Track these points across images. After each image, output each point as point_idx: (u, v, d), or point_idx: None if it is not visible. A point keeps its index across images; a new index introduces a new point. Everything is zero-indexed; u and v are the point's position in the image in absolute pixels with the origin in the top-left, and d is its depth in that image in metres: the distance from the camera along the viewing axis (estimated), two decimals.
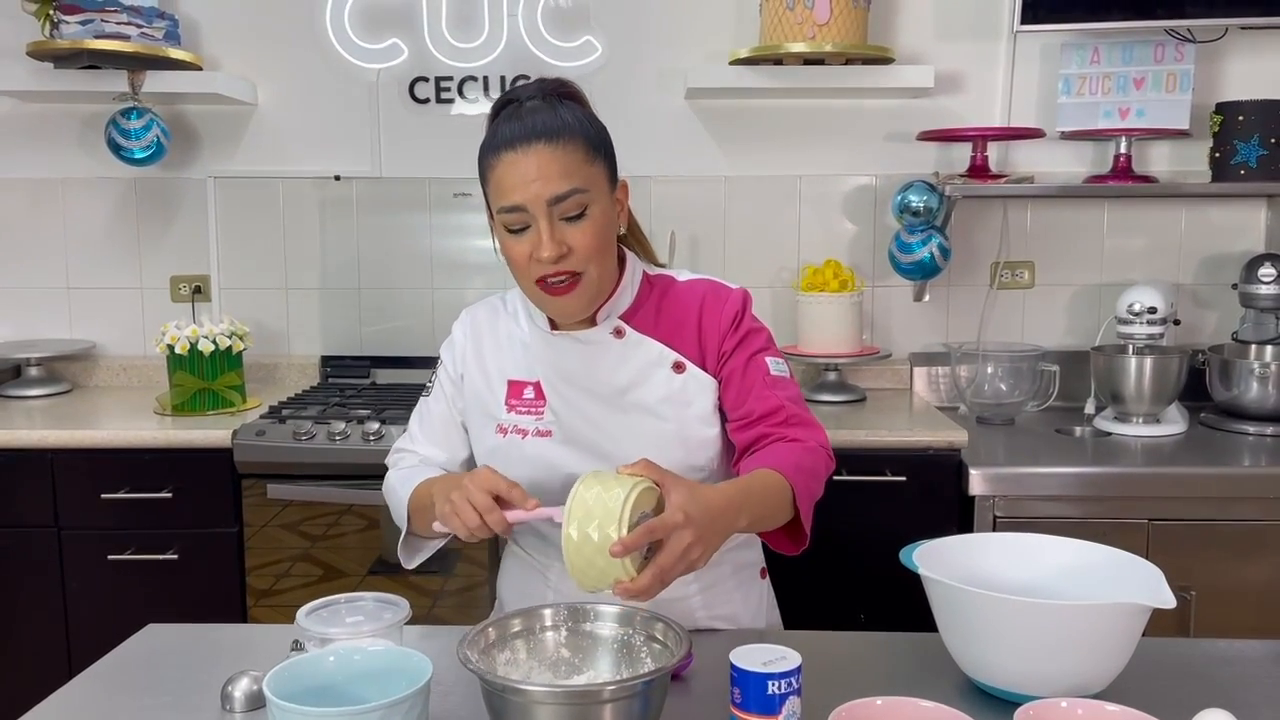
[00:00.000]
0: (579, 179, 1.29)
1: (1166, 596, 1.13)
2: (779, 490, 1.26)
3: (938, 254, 2.62)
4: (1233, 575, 2.22)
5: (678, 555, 1.09)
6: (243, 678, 1.19)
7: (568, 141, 1.29)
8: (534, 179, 1.27)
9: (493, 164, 1.31)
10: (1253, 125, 2.54)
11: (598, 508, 1.09)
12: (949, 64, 2.75)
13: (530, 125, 1.29)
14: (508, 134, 1.30)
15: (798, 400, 1.41)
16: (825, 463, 1.37)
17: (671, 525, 1.09)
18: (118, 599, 2.36)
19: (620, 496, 1.09)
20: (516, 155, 1.28)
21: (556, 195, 1.28)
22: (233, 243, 2.91)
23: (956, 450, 2.30)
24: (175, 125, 2.82)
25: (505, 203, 1.30)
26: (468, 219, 2.89)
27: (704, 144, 2.85)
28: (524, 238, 1.31)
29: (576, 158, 1.29)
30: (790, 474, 1.27)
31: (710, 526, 1.13)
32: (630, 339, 1.41)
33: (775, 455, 1.31)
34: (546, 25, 2.78)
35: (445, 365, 1.51)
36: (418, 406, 1.55)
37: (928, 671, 1.26)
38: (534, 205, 1.28)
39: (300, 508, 2.36)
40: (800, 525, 1.30)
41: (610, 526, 1.07)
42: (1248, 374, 2.53)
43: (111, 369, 2.94)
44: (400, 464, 1.52)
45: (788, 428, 1.36)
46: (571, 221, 1.30)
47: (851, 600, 2.29)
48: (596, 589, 1.12)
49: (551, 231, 1.29)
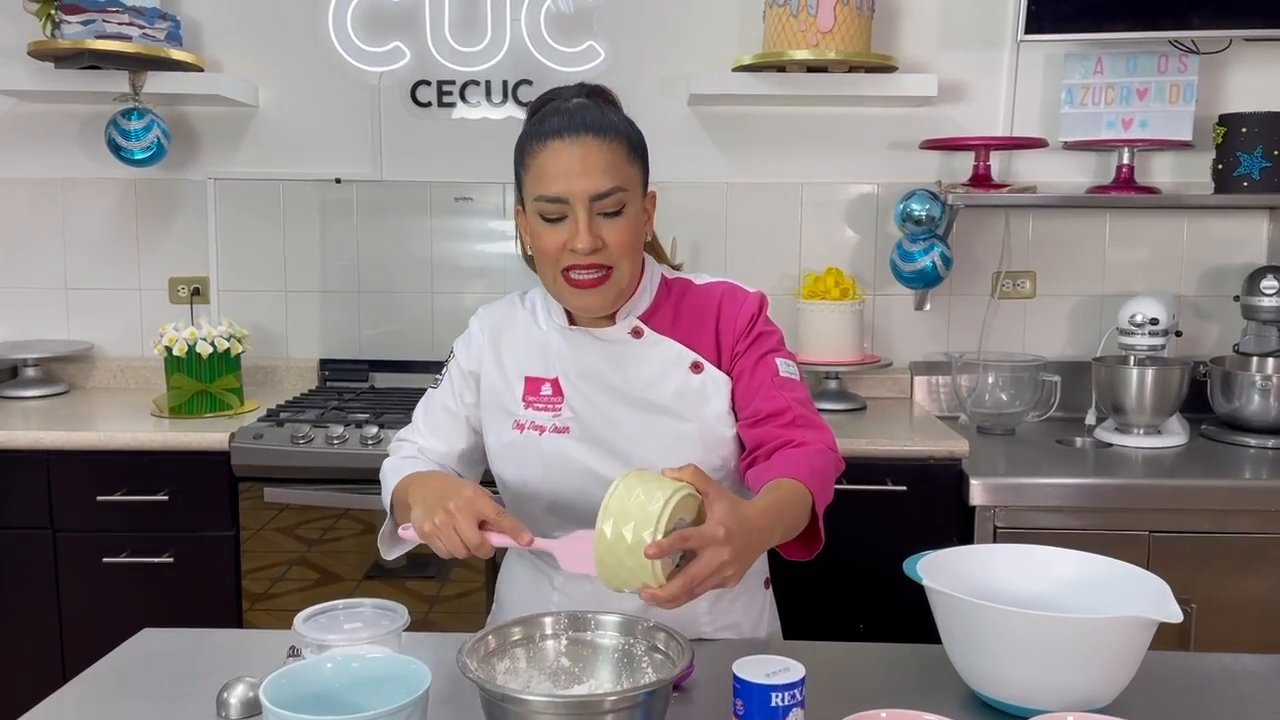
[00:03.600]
0: (620, 177, 1.32)
1: (1173, 610, 1.12)
2: (804, 501, 1.26)
3: (939, 263, 2.62)
4: (1233, 588, 2.21)
5: (711, 570, 1.08)
6: (239, 684, 1.18)
7: (613, 139, 1.33)
8: (579, 172, 1.30)
9: (536, 150, 1.33)
10: (1256, 137, 2.54)
11: (635, 508, 1.07)
12: (952, 73, 2.75)
13: (579, 119, 1.32)
14: (555, 124, 1.32)
15: (805, 402, 1.41)
16: (835, 464, 1.38)
17: (710, 538, 1.08)
18: (113, 602, 2.34)
19: (661, 500, 1.07)
20: (563, 144, 1.31)
21: (599, 192, 1.31)
22: (232, 245, 2.90)
23: (957, 460, 2.29)
24: (176, 126, 2.81)
25: (547, 192, 1.31)
26: (468, 223, 2.88)
27: (706, 150, 2.84)
28: (559, 227, 1.32)
29: (619, 156, 1.33)
30: (808, 480, 1.27)
31: (747, 544, 1.11)
32: (648, 339, 1.42)
33: (791, 463, 1.31)
34: (549, 30, 2.78)
35: (458, 360, 1.50)
36: (424, 397, 1.54)
37: (931, 684, 1.25)
38: (577, 199, 1.30)
39: (297, 511, 2.35)
40: (814, 530, 1.30)
41: (646, 530, 1.05)
42: (1249, 386, 2.52)
43: (109, 370, 2.93)
44: (399, 452, 1.51)
45: (794, 429, 1.36)
46: (608, 217, 1.32)
47: (851, 610, 2.28)
48: (621, 589, 1.10)
49: (590, 224, 1.31)
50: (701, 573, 1.07)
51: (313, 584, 2.37)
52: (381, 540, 1.43)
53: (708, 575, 1.08)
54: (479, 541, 1.17)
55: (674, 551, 1.07)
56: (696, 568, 1.07)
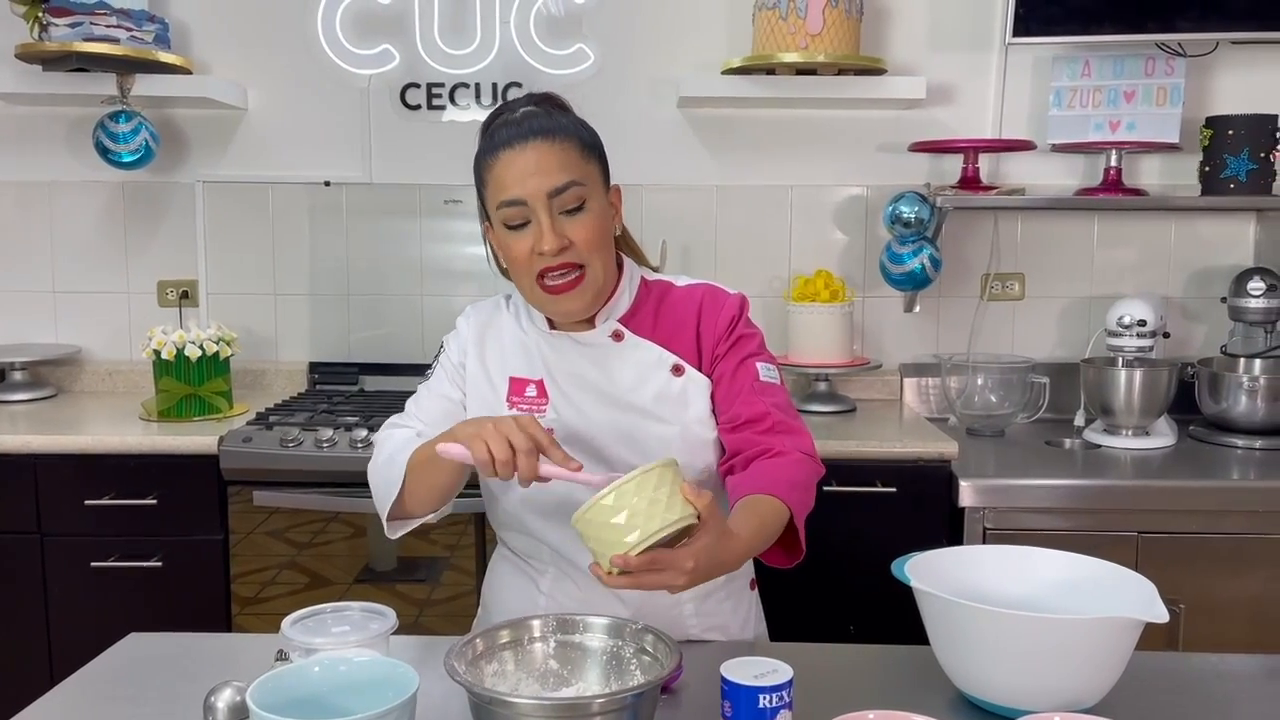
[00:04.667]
0: (575, 173, 1.33)
1: (1159, 610, 1.13)
2: (782, 518, 1.27)
3: (929, 265, 2.62)
4: (1221, 589, 2.22)
5: (662, 584, 1.10)
6: (226, 688, 1.17)
7: (563, 140, 1.33)
8: (532, 173, 1.31)
9: (490, 164, 1.34)
10: (1242, 139, 2.55)
11: (644, 505, 1.07)
12: (941, 75, 2.76)
13: (525, 126, 1.34)
14: (504, 136, 1.34)
15: (784, 407, 1.41)
16: (814, 471, 1.38)
17: (678, 566, 1.09)
18: (100, 607, 2.33)
19: (667, 521, 1.07)
20: (514, 153, 1.32)
21: (556, 187, 1.31)
22: (221, 248, 2.89)
23: (947, 462, 2.29)
24: (164, 129, 2.80)
25: (505, 197, 1.32)
26: (458, 226, 2.88)
27: (696, 153, 2.85)
28: (524, 234, 1.33)
29: (571, 154, 1.33)
30: (784, 493, 1.28)
31: (707, 575, 1.13)
32: (629, 342, 1.42)
33: (768, 476, 1.31)
34: (539, 33, 2.78)
35: (449, 352, 1.50)
36: (417, 391, 1.52)
37: (919, 685, 1.25)
38: (534, 199, 1.31)
39: (287, 515, 2.34)
40: (794, 539, 1.30)
41: (633, 533, 1.06)
42: (1236, 387, 2.53)
43: (97, 374, 2.92)
44: (392, 438, 1.44)
45: (772, 435, 1.36)
46: (571, 215, 1.33)
47: (840, 612, 2.28)
48: (582, 538, 1.12)
49: (552, 224, 1.32)
50: (651, 583, 1.09)
51: (303, 588, 2.37)
52: (388, 520, 1.40)
53: (656, 585, 1.10)
54: (530, 448, 1.16)
55: (637, 569, 1.07)
56: (649, 578, 1.09)
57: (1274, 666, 1.35)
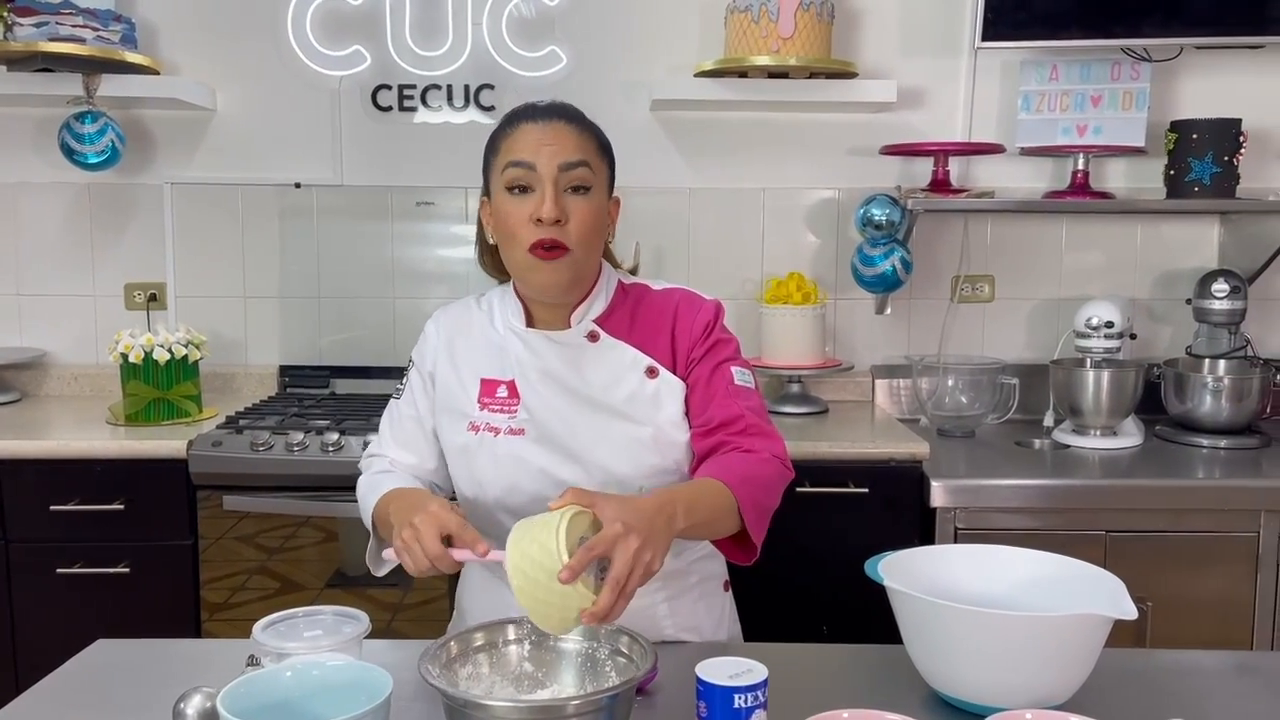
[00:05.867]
0: (589, 157, 1.36)
1: (1128, 607, 1.14)
2: (720, 497, 1.26)
3: (900, 267, 2.64)
4: (1187, 586, 2.25)
5: (629, 563, 1.08)
6: (195, 694, 1.15)
7: (582, 129, 1.38)
8: (549, 143, 1.34)
9: (507, 133, 1.37)
10: (1207, 143, 2.59)
11: (534, 549, 1.07)
12: (911, 79, 2.78)
13: (551, 109, 1.38)
14: (528, 112, 1.38)
15: (758, 411, 1.41)
16: (779, 473, 1.38)
17: (612, 537, 1.09)
18: (67, 614, 2.30)
19: (552, 527, 1.07)
20: (534, 125, 1.36)
21: (569, 161, 1.34)
22: (190, 250, 2.86)
23: (918, 462, 2.31)
24: (131, 130, 2.77)
25: (515, 157, 1.34)
26: (429, 228, 2.86)
27: (669, 156, 2.85)
28: (524, 199, 1.34)
29: (588, 144, 1.38)
30: (735, 484, 1.28)
31: (650, 527, 1.12)
32: (604, 343, 1.42)
33: (723, 465, 1.32)
34: (511, 35, 2.77)
35: (416, 366, 1.51)
36: (388, 408, 1.54)
37: (892, 684, 1.26)
38: (544, 167, 1.33)
39: (257, 519, 2.32)
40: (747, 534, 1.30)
41: (550, 562, 1.05)
42: (1201, 388, 2.57)
43: (63, 378, 2.88)
44: (371, 468, 1.51)
45: (745, 437, 1.37)
46: (573, 194, 1.35)
47: (814, 611, 2.29)
48: (565, 629, 1.11)
49: (556, 196, 1.33)
50: (622, 571, 1.08)
51: (273, 593, 2.34)
52: (369, 559, 1.43)
53: (628, 569, 1.08)
54: (439, 553, 1.17)
55: (586, 567, 1.07)
56: (616, 569, 1.08)
57: (1242, 662, 1.37)
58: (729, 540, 1.33)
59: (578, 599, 1.06)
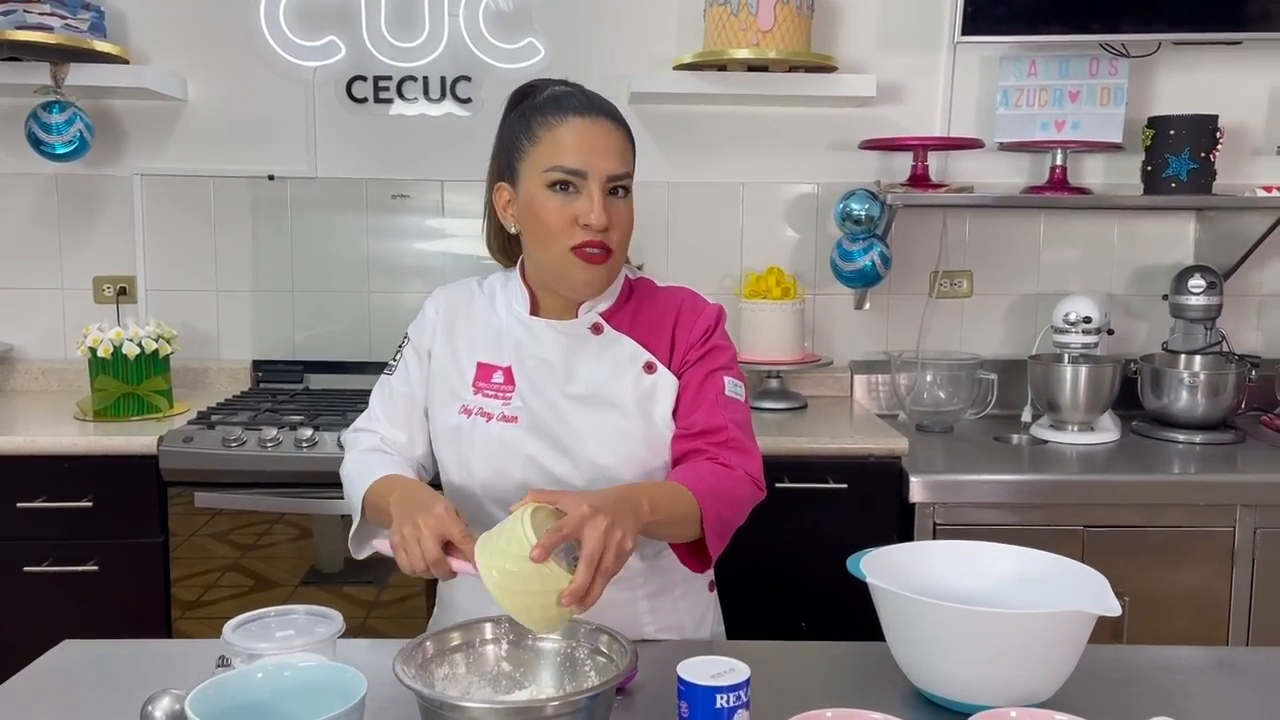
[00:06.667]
0: (629, 165, 1.37)
1: (1111, 604, 1.13)
2: (684, 503, 1.26)
3: (879, 262, 2.63)
4: (1163, 581, 2.26)
5: (600, 541, 1.07)
6: (164, 696, 1.13)
7: (623, 130, 1.38)
8: (601, 149, 1.32)
9: (553, 124, 1.34)
10: (1183, 139, 2.60)
11: (501, 543, 1.07)
12: (891, 74, 2.77)
13: (597, 102, 1.37)
14: (575, 102, 1.35)
15: (743, 425, 1.41)
16: (749, 492, 1.37)
17: (580, 519, 1.08)
18: (33, 613, 2.26)
19: (515, 523, 1.07)
20: (586, 122, 1.33)
21: (618, 173, 1.34)
22: (160, 243, 2.82)
23: (897, 458, 2.31)
24: (100, 120, 2.72)
25: (567, 163, 1.32)
26: (405, 221, 2.83)
27: (648, 150, 2.83)
28: (568, 201, 1.32)
29: (628, 148, 1.38)
30: (703, 494, 1.28)
31: (616, 509, 1.12)
32: (607, 335, 1.42)
33: (696, 473, 1.32)
34: (488, 26, 2.74)
35: (412, 341, 1.48)
36: (379, 382, 1.51)
37: (874, 682, 1.25)
38: (595, 174, 1.32)
39: (229, 516, 2.29)
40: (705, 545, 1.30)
41: (519, 549, 1.05)
42: (1177, 383, 2.58)
43: (30, 373, 2.83)
44: (358, 444, 1.47)
45: (724, 450, 1.36)
46: (615, 198, 1.35)
47: (792, 608, 2.28)
48: (553, 624, 1.09)
49: (604, 201, 1.32)
50: (595, 548, 1.07)
51: (246, 591, 2.31)
52: (352, 540, 1.40)
53: (601, 548, 1.07)
54: (437, 559, 1.15)
55: (556, 545, 1.06)
56: (588, 546, 1.07)
57: (1221, 658, 1.37)
58: (685, 546, 1.33)
59: (555, 580, 1.05)
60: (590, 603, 1.07)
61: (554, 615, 1.07)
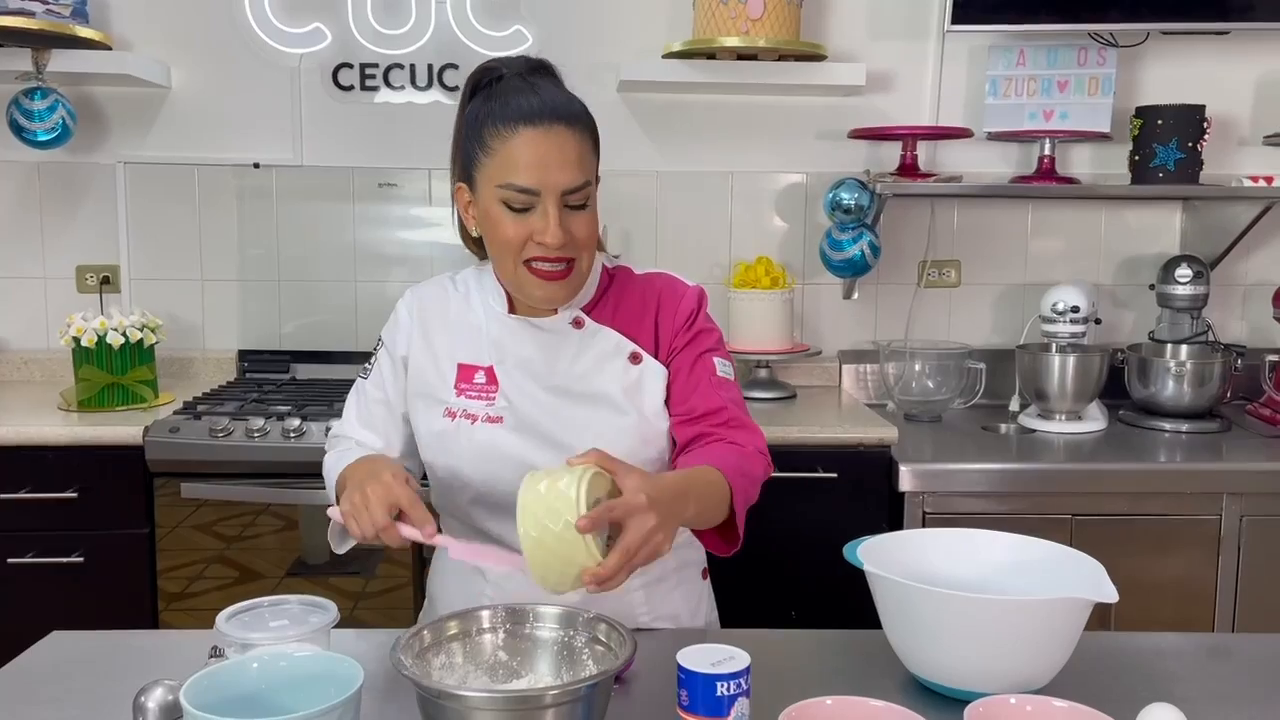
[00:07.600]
0: (588, 171, 1.30)
1: (1108, 590, 1.14)
2: (719, 488, 1.25)
3: (868, 252, 2.63)
4: (1150, 569, 2.27)
5: (643, 538, 1.07)
6: (157, 687, 1.11)
7: (581, 129, 1.30)
8: (553, 164, 1.26)
9: (504, 135, 1.27)
10: (1171, 129, 2.60)
11: (551, 497, 1.05)
12: (880, 63, 2.77)
13: (549, 103, 1.28)
14: (525, 107, 1.27)
15: (739, 403, 1.40)
16: (763, 467, 1.37)
17: (635, 507, 1.07)
18: (19, 605, 2.23)
19: (573, 482, 1.05)
20: (536, 133, 1.26)
21: (572, 186, 1.27)
22: (144, 231, 2.79)
23: (886, 447, 2.31)
24: (83, 107, 2.69)
25: (518, 182, 1.26)
26: (392, 210, 2.81)
27: (636, 138, 2.82)
28: (523, 218, 1.28)
29: (586, 147, 1.31)
30: (730, 475, 1.27)
31: (668, 510, 1.11)
32: (588, 329, 1.40)
33: (717, 455, 1.31)
34: (476, 13, 2.72)
35: (386, 347, 1.46)
36: (355, 388, 1.49)
37: (872, 669, 1.25)
38: (548, 191, 1.26)
39: (216, 507, 2.27)
40: (733, 526, 1.29)
41: (569, 513, 1.03)
42: (1164, 372, 2.59)
43: (12, 363, 2.80)
44: (335, 448, 1.46)
45: (728, 429, 1.36)
46: (573, 210, 1.29)
47: (783, 596, 2.29)
48: (561, 588, 1.08)
49: (559, 218, 1.27)
50: (635, 543, 1.06)
51: (232, 582, 2.30)
52: (330, 536, 1.38)
53: (640, 544, 1.07)
54: (385, 524, 1.16)
55: (603, 525, 1.05)
56: (629, 538, 1.06)
57: (1213, 644, 1.38)
58: (711, 531, 1.31)
59: (585, 555, 1.04)
60: (608, 589, 1.07)
61: (568, 583, 1.07)
